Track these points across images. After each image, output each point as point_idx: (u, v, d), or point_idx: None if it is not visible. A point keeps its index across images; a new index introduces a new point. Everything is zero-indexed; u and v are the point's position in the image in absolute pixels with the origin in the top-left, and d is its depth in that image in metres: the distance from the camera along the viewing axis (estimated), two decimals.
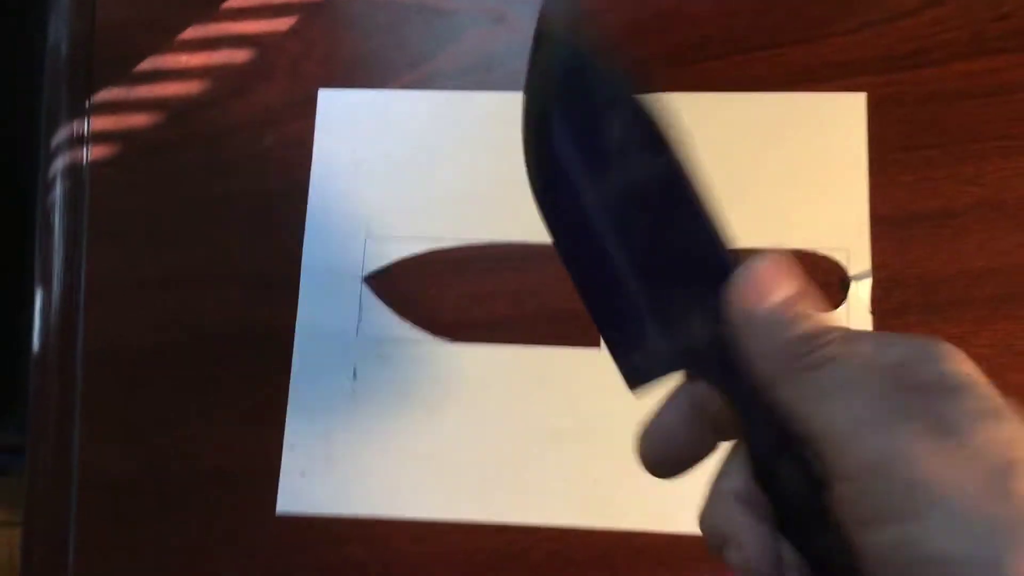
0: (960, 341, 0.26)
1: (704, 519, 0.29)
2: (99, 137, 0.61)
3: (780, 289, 0.26)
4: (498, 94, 0.57)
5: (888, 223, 0.53)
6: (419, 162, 0.57)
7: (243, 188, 0.58)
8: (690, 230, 0.28)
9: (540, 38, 0.29)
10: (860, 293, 0.52)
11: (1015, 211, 0.52)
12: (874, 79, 0.54)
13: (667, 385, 0.29)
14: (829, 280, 0.52)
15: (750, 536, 0.26)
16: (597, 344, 0.53)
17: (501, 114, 0.57)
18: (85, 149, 0.61)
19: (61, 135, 0.61)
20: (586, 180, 0.28)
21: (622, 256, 0.27)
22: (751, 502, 0.27)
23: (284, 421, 0.55)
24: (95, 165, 0.60)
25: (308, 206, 0.57)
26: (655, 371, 0.28)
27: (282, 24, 0.60)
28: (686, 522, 0.51)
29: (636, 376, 0.28)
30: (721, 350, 0.26)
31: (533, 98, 0.29)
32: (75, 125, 0.61)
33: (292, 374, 0.55)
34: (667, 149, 0.28)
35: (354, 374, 0.55)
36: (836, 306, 0.52)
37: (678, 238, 0.28)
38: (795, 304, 0.26)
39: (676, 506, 0.51)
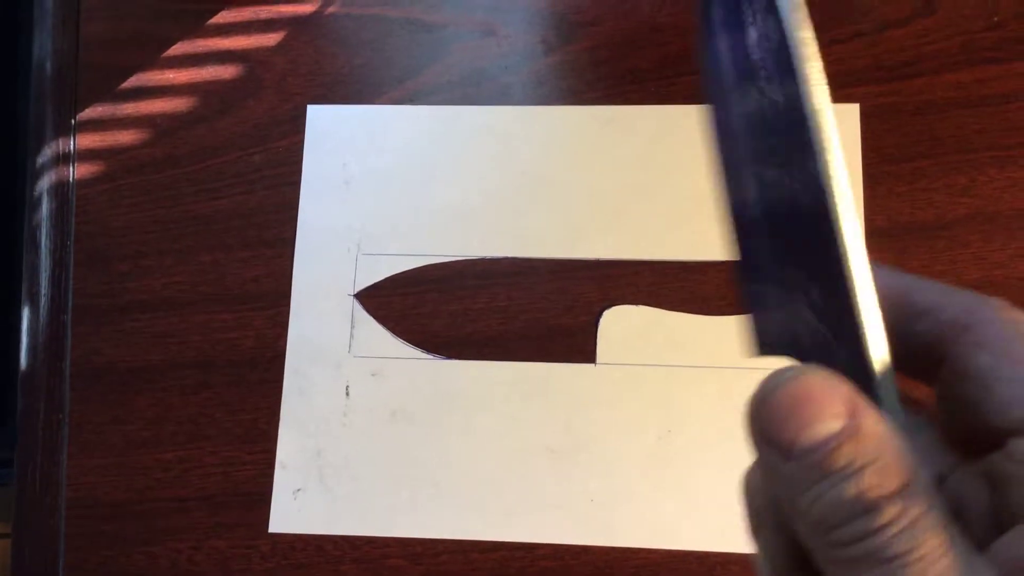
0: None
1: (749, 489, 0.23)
2: (85, 155, 0.60)
3: (826, 418, 0.19)
4: (487, 108, 0.57)
5: (882, 234, 0.53)
6: (409, 177, 0.57)
7: (232, 205, 0.58)
8: (807, 192, 0.22)
9: None
10: None
11: (1009, 222, 0.52)
12: (866, 89, 0.54)
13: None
14: None
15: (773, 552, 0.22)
16: (592, 360, 0.53)
17: (491, 128, 0.57)
18: (71, 167, 0.60)
19: (47, 153, 0.60)
20: (735, 92, 0.23)
21: (757, 198, 0.23)
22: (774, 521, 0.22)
23: (276, 440, 0.54)
24: (81, 183, 0.60)
25: (298, 223, 0.57)
26: (776, 346, 0.23)
27: (269, 40, 0.60)
28: (684, 539, 0.51)
29: (759, 343, 0.23)
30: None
31: None
32: (60, 143, 0.60)
33: (283, 392, 0.55)
34: (791, 73, 0.23)
35: (346, 392, 0.54)
36: None
37: (798, 200, 0.22)
38: (844, 447, 0.18)
39: (674, 523, 0.51)
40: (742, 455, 0.23)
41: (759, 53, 0.22)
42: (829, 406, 0.19)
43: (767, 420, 0.19)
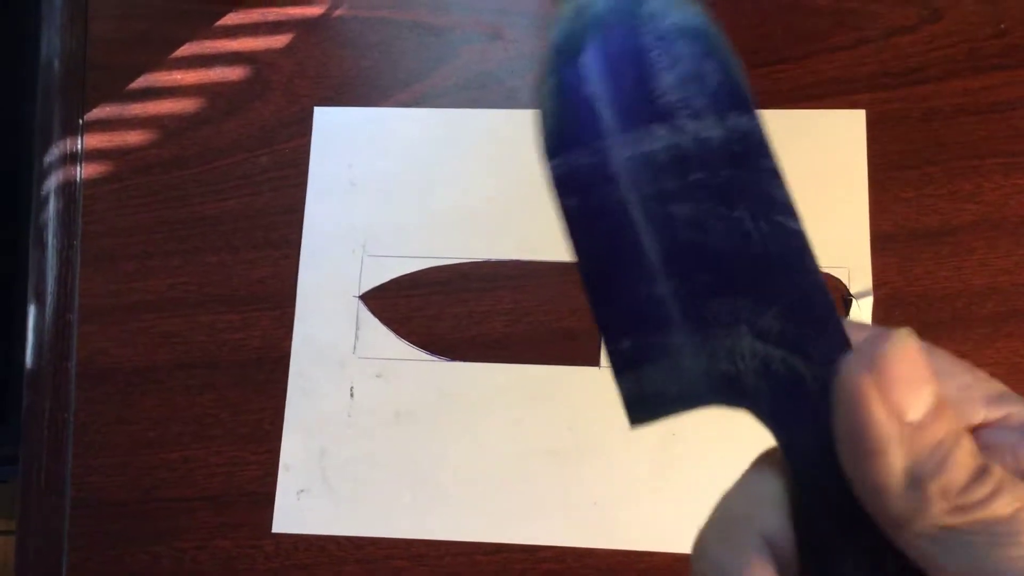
0: (962, 359, 0.23)
1: (708, 550, 0.22)
2: (92, 155, 0.60)
3: (920, 396, 0.19)
4: (494, 111, 0.57)
5: (889, 240, 0.53)
6: (415, 180, 0.57)
7: (238, 207, 0.58)
8: (761, 218, 0.21)
9: None
10: (862, 311, 0.52)
11: (1015, 228, 0.52)
12: (872, 96, 0.54)
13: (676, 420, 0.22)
14: None
15: None
16: (596, 363, 0.53)
17: (497, 131, 0.57)
18: (78, 167, 0.60)
19: (54, 153, 0.61)
20: (622, 136, 0.21)
21: (657, 241, 0.21)
22: (779, 555, 0.21)
23: (280, 440, 0.55)
24: (88, 183, 0.60)
25: (304, 225, 0.57)
26: (679, 400, 0.21)
27: (277, 42, 0.60)
28: (687, 542, 0.51)
29: (646, 404, 0.22)
30: (795, 392, 0.20)
31: (562, 31, 0.22)
32: (68, 143, 0.61)
33: (288, 393, 0.55)
34: (744, 107, 0.22)
35: (351, 393, 0.55)
36: None
37: (744, 228, 0.21)
38: (940, 423, 0.19)
39: (677, 526, 0.51)
40: (745, 458, 0.23)
41: (681, 94, 0.21)
42: (926, 375, 0.19)
43: (879, 389, 0.19)
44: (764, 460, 0.22)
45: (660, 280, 0.21)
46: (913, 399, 0.19)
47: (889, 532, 0.19)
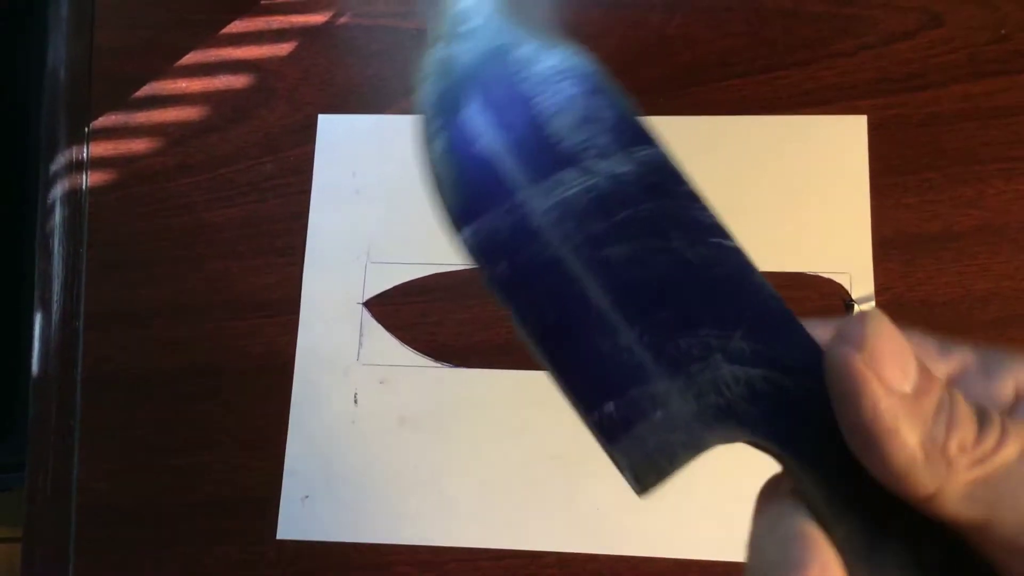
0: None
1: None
2: (98, 163, 0.61)
3: (909, 366, 0.19)
4: None
5: (890, 246, 0.53)
6: (419, 187, 0.57)
7: (243, 214, 0.58)
8: (697, 243, 0.20)
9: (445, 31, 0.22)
10: None
11: (1016, 234, 0.52)
12: (873, 102, 0.54)
13: (684, 472, 0.21)
14: (832, 303, 0.52)
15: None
16: None
17: None
18: (84, 175, 0.61)
19: (60, 161, 0.61)
20: (532, 188, 0.20)
21: (603, 288, 0.20)
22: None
23: (284, 447, 0.55)
24: (94, 191, 0.60)
25: (308, 232, 0.57)
26: (684, 448, 0.20)
27: (281, 50, 0.60)
28: (691, 548, 0.51)
29: (653, 466, 0.20)
30: (796, 404, 0.20)
31: (434, 89, 0.21)
32: (74, 151, 0.61)
33: (292, 400, 0.55)
34: (646, 138, 0.21)
35: (355, 399, 0.55)
36: None
37: (684, 256, 0.20)
38: (933, 386, 0.20)
39: (681, 532, 0.51)
40: (745, 465, 0.23)
41: (582, 135, 0.21)
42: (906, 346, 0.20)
43: (874, 365, 0.19)
44: (771, 494, 0.22)
45: (620, 329, 0.20)
46: (903, 371, 0.19)
47: (923, 507, 0.19)
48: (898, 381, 0.19)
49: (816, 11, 0.56)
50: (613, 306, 0.20)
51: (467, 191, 0.21)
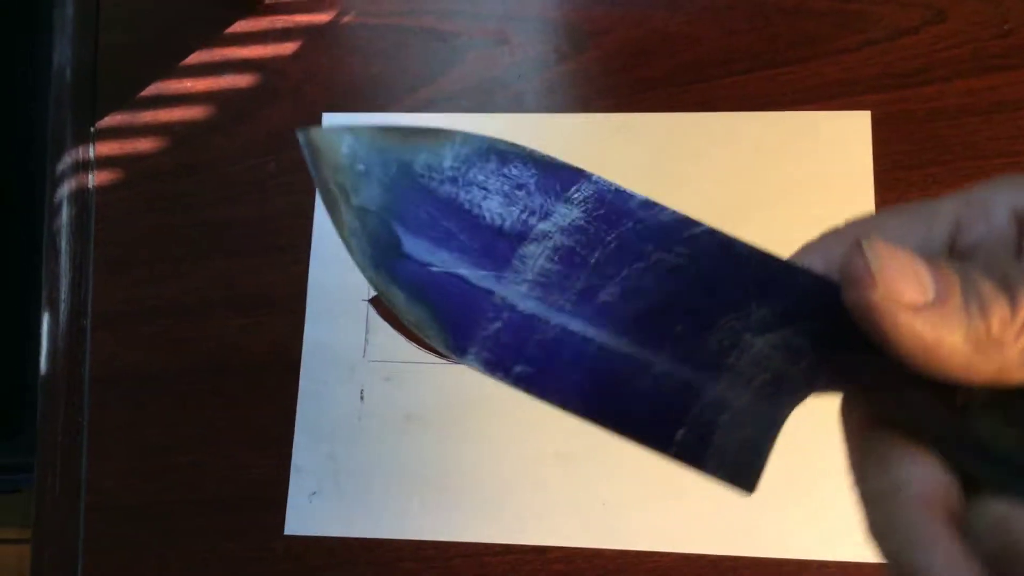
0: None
1: (886, 543, 0.21)
2: (104, 162, 0.61)
3: (919, 274, 0.19)
4: (501, 116, 0.58)
5: None
6: None
7: (248, 212, 0.59)
8: (673, 246, 0.20)
9: (319, 160, 0.21)
10: None
11: None
12: (877, 97, 0.54)
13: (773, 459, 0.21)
14: None
15: (944, 556, 0.20)
16: None
17: (504, 136, 0.57)
18: (90, 174, 0.61)
19: (66, 160, 0.61)
20: (503, 280, 0.20)
21: (616, 334, 0.20)
22: (948, 510, 0.20)
23: (291, 443, 0.55)
24: (100, 190, 0.61)
25: (313, 229, 0.58)
26: (764, 436, 0.20)
27: (285, 49, 0.61)
28: (695, 543, 0.51)
29: (746, 466, 0.20)
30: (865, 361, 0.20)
31: (361, 243, 0.20)
32: (80, 150, 0.61)
33: (299, 397, 0.55)
34: (575, 176, 0.21)
35: (361, 396, 0.55)
36: None
37: (669, 263, 0.20)
38: (950, 279, 0.20)
39: (686, 526, 0.51)
40: None
41: (517, 209, 0.20)
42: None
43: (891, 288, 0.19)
44: (859, 434, 0.22)
45: (651, 361, 0.20)
46: (920, 284, 0.19)
47: (993, 385, 0.20)
48: (920, 296, 0.19)
49: (819, 7, 0.56)
50: (633, 345, 0.20)
51: (448, 321, 0.20)
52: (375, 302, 0.56)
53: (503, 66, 0.59)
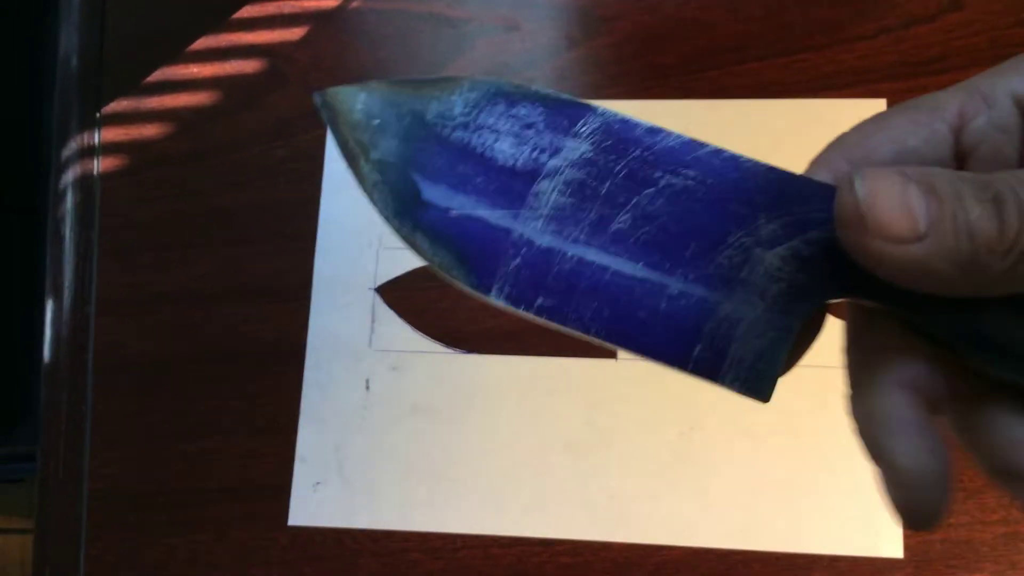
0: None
1: (857, 410, 0.22)
2: (109, 148, 0.61)
3: (911, 203, 0.19)
4: None
5: None
6: None
7: (254, 199, 0.58)
8: (679, 169, 0.21)
9: (335, 117, 0.22)
10: None
11: None
12: (892, 85, 0.54)
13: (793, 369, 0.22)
14: None
15: (915, 441, 0.21)
16: (614, 355, 0.53)
17: None
18: (95, 161, 0.61)
19: (71, 146, 0.61)
20: (520, 216, 0.21)
21: (633, 258, 0.21)
22: (927, 403, 0.21)
23: (296, 433, 0.55)
24: (105, 177, 0.60)
25: (320, 217, 0.57)
26: (775, 345, 0.21)
27: (293, 34, 0.60)
28: (704, 536, 0.51)
29: (760, 374, 0.21)
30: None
31: (391, 197, 0.21)
32: (85, 136, 0.61)
33: (304, 386, 0.55)
34: (581, 110, 0.22)
35: (367, 385, 0.54)
36: None
37: (677, 186, 0.21)
38: (944, 204, 0.20)
39: (694, 520, 0.50)
40: (763, 453, 0.23)
41: (528, 147, 0.21)
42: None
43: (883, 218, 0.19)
44: (859, 324, 0.23)
45: (665, 283, 0.21)
46: (912, 218, 0.19)
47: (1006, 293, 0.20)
48: (910, 230, 0.19)
49: None
50: (648, 268, 0.21)
51: (471, 262, 0.21)
52: (382, 290, 0.56)
53: (513, 53, 0.58)
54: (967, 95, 0.22)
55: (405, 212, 0.21)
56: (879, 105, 0.53)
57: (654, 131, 0.21)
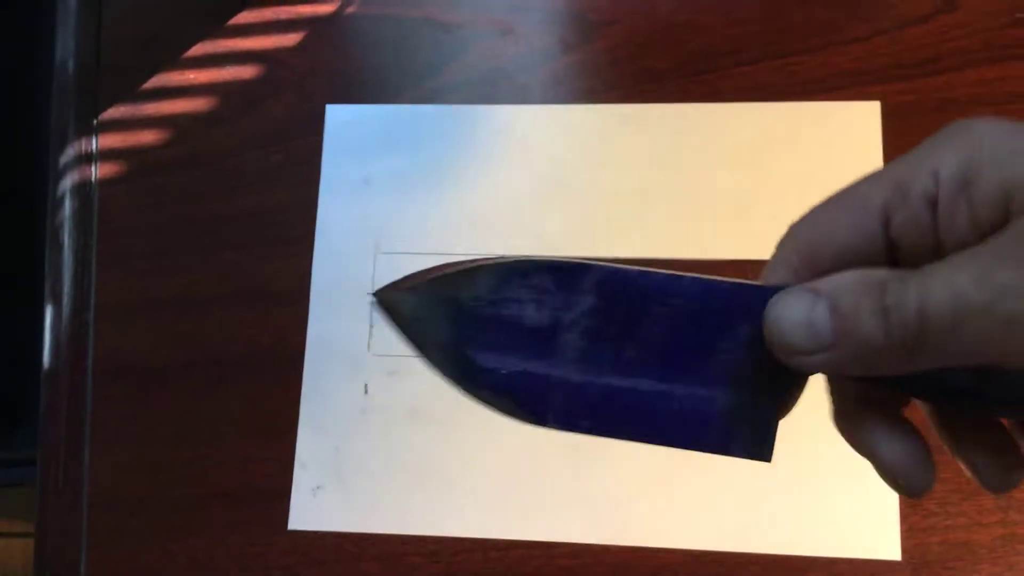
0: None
1: (840, 424, 0.27)
2: (107, 155, 0.61)
3: (816, 325, 0.23)
4: (506, 107, 0.57)
5: None
6: (427, 176, 0.57)
7: (251, 205, 0.58)
8: (666, 296, 0.26)
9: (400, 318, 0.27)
10: None
11: None
12: (887, 87, 0.54)
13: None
14: None
15: (894, 443, 0.25)
16: None
17: (509, 127, 0.57)
18: (93, 167, 0.61)
19: (69, 153, 0.61)
20: (555, 367, 0.26)
21: (646, 378, 0.26)
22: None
23: (295, 438, 0.55)
24: (103, 183, 0.60)
25: (317, 222, 0.57)
26: (767, 421, 0.26)
27: (289, 40, 0.60)
28: (704, 539, 0.51)
29: (759, 443, 0.26)
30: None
31: (452, 370, 0.27)
32: (83, 143, 0.61)
33: (303, 391, 0.55)
34: (583, 272, 0.26)
35: (365, 390, 0.55)
36: None
37: (665, 312, 0.26)
38: (846, 318, 0.23)
39: (692, 522, 0.50)
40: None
41: (548, 310, 0.26)
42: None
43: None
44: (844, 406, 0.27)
45: (673, 389, 0.26)
46: (816, 336, 0.23)
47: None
48: (818, 343, 0.23)
49: None
50: (659, 380, 0.26)
51: (525, 405, 0.26)
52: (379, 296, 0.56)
53: (507, 57, 0.58)
54: (890, 190, 0.24)
55: (467, 378, 0.26)
56: (873, 107, 0.53)
57: (644, 273, 0.26)
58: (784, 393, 0.26)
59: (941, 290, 0.21)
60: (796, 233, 0.26)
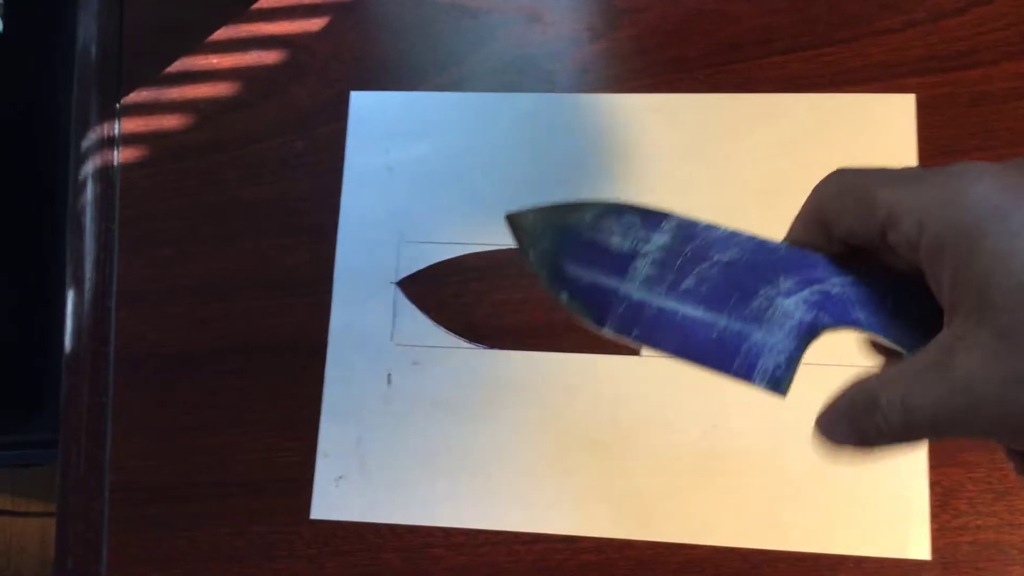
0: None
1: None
2: (129, 139, 0.60)
3: (844, 428, 0.28)
4: (532, 95, 0.56)
5: None
6: (452, 164, 0.56)
7: (274, 192, 0.58)
8: (725, 246, 0.31)
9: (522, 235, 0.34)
10: None
11: None
12: (921, 80, 0.53)
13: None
14: None
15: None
16: (637, 352, 0.52)
17: (535, 115, 0.56)
18: (115, 152, 0.60)
19: (91, 137, 0.61)
20: (626, 284, 0.31)
21: (697, 307, 0.31)
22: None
23: (318, 428, 0.54)
24: (126, 168, 0.60)
25: (340, 210, 0.57)
26: (788, 360, 0.30)
27: (313, 25, 0.59)
28: (728, 535, 0.50)
29: (778, 378, 0.30)
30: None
31: (548, 273, 0.33)
32: (105, 127, 0.61)
33: (325, 380, 0.55)
34: (663, 215, 0.32)
35: (388, 380, 0.54)
36: None
37: (724, 258, 0.31)
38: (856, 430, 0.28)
39: (718, 519, 0.50)
40: (787, 452, 0.27)
41: (631, 239, 0.32)
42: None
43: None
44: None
45: (717, 321, 0.31)
46: (847, 433, 0.28)
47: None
48: (849, 439, 0.28)
49: None
50: (706, 312, 0.31)
51: (593, 309, 0.31)
52: (403, 284, 0.55)
53: (535, 44, 0.57)
54: (886, 213, 0.27)
55: (555, 280, 0.32)
56: (908, 100, 0.53)
57: (710, 226, 0.31)
58: (807, 343, 0.30)
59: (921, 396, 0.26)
60: (818, 197, 0.30)
